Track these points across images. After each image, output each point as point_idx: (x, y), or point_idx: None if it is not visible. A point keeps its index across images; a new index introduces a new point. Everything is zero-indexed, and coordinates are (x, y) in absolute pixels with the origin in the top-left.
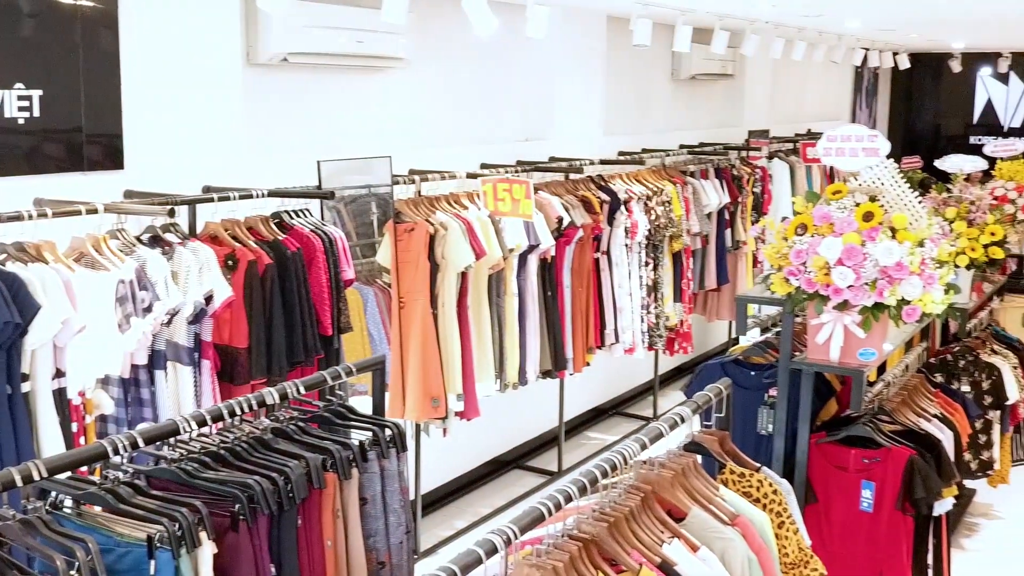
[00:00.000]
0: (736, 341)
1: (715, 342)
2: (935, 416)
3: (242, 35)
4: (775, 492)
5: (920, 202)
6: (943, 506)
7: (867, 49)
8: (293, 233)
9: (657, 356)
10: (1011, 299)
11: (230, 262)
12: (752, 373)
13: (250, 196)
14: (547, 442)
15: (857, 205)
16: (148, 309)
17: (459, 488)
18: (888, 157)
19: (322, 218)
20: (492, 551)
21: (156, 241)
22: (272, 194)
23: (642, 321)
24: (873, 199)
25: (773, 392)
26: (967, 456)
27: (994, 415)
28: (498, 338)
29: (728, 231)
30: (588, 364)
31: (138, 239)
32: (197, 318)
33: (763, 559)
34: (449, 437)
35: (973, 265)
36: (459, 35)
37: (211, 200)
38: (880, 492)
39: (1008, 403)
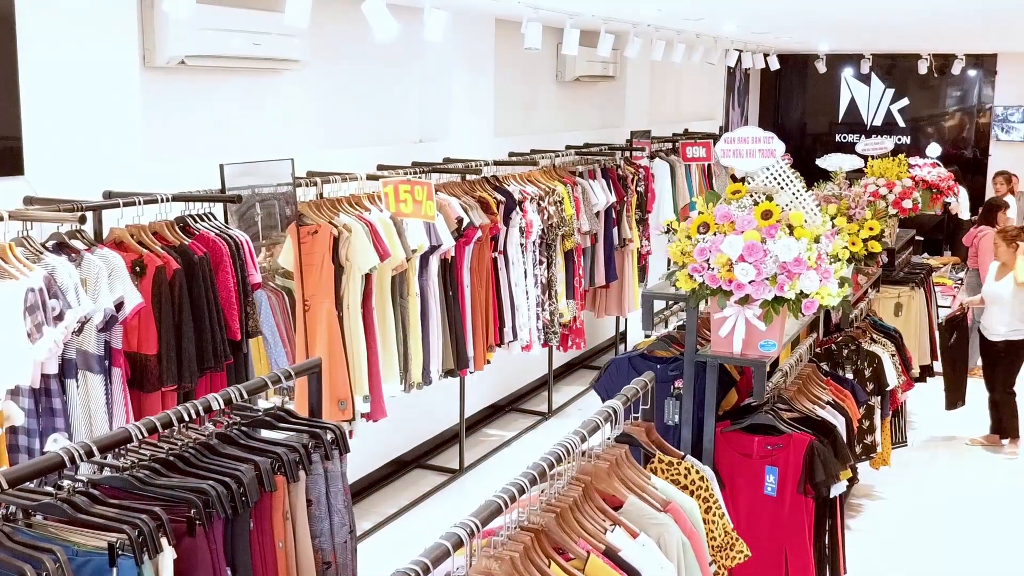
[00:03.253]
0: (624, 336)
1: (603, 337)
2: (828, 403)
3: (139, 38)
4: (702, 479)
5: (816, 201)
6: (839, 488)
7: (740, 51)
8: (199, 238)
9: (551, 352)
10: (885, 290)
11: (138, 268)
12: (658, 366)
13: (155, 201)
14: (446, 440)
15: (756, 204)
16: (59, 317)
17: (362, 489)
18: None
19: (226, 221)
20: (458, 544)
21: (62, 248)
22: (178, 198)
23: (538, 319)
24: (770, 198)
25: (679, 384)
26: None
27: (875, 401)
28: (402, 339)
29: (615, 229)
30: (488, 362)
31: (43, 246)
32: (107, 325)
33: (695, 543)
34: (352, 439)
35: (853, 258)
36: (354, 37)
37: (117, 206)
38: (783, 476)
39: (888, 389)
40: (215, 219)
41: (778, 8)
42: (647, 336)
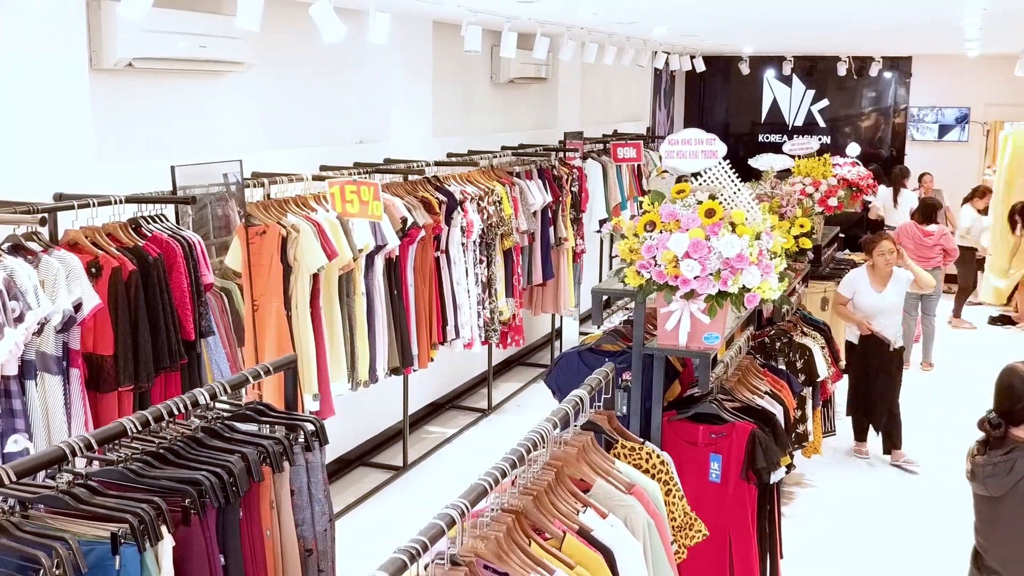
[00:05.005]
0: (560, 333)
1: (540, 334)
2: (767, 393)
3: (86, 41)
4: (662, 463)
5: (758, 198)
6: (778, 474)
7: (668, 53)
8: (152, 239)
9: (490, 349)
10: (812, 285)
11: (94, 269)
12: (607, 360)
13: (109, 203)
14: (389, 438)
15: (700, 203)
16: (20, 319)
17: None
18: None
19: (177, 222)
20: (451, 523)
21: (18, 250)
22: (133, 200)
23: (479, 316)
24: (713, 197)
25: (627, 376)
26: None
27: (807, 391)
28: (349, 337)
29: (551, 229)
30: (432, 360)
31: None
32: (66, 327)
33: (658, 523)
34: None
35: (785, 255)
36: (296, 40)
37: (72, 207)
38: (726, 463)
39: (819, 380)
40: (167, 220)
41: (707, 12)
42: (583, 333)
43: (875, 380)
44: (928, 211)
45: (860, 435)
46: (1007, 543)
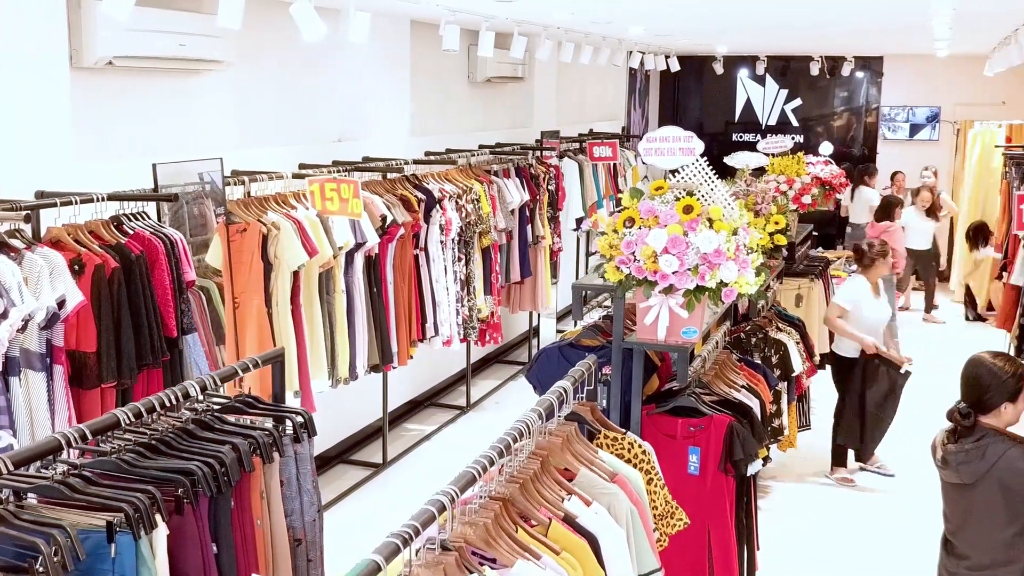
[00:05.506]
0: (537, 331)
1: (518, 332)
2: (743, 387)
3: (67, 39)
4: (644, 452)
5: (734, 195)
6: (755, 466)
7: (643, 53)
8: (135, 236)
9: (469, 347)
10: (787, 282)
11: (76, 267)
12: (587, 355)
13: (91, 200)
14: (368, 436)
15: (677, 199)
16: (3, 316)
17: None
18: None
19: (159, 219)
20: (442, 508)
21: (1, 247)
22: (115, 197)
23: (457, 314)
24: (691, 194)
25: (607, 370)
26: None
27: (782, 386)
28: (329, 334)
29: (529, 227)
30: (412, 357)
31: None
32: (49, 323)
33: (640, 511)
34: None
35: (760, 251)
36: (276, 38)
37: (54, 205)
38: (705, 456)
39: (794, 374)
40: (148, 218)
41: (681, 11)
42: (560, 331)
43: (883, 407)
44: (886, 208)
45: (842, 460)
46: (976, 528)
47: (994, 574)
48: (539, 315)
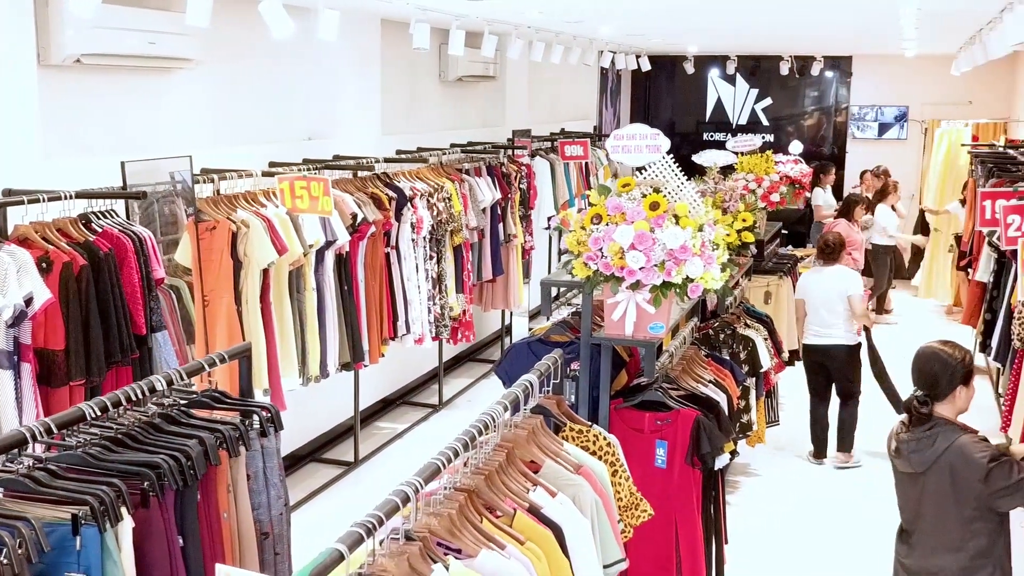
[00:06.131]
0: (510, 329)
1: (490, 330)
2: (710, 381)
3: (34, 37)
4: (609, 445)
5: (700, 192)
6: (722, 460)
7: (614, 52)
8: (103, 234)
9: (441, 345)
10: (756, 279)
11: (44, 264)
12: (555, 350)
13: (59, 198)
14: (340, 434)
15: (644, 196)
16: None
17: None
18: None
19: (127, 217)
20: (406, 499)
21: None
22: (83, 195)
23: (429, 312)
24: (657, 190)
25: (575, 366)
26: None
27: (751, 382)
28: (300, 332)
29: (500, 225)
30: (383, 355)
31: None
32: (17, 321)
33: (605, 502)
34: None
35: (728, 248)
36: (245, 37)
37: (22, 202)
38: (672, 449)
39: (762, 370)
40: (117, 216)
41: (649, 9)
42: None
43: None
44: (845, 206)
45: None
46: (929, 517)
47: (943, 561)
48: (511, 313)
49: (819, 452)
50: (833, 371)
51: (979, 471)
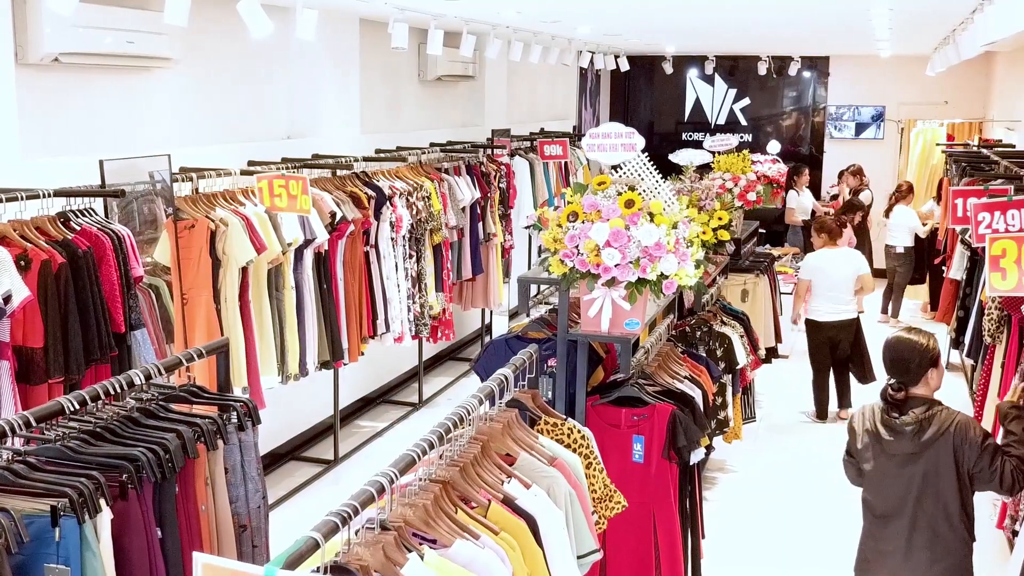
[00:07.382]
0: (490, 328)
1: (471, 329)
2: (686, 377)
3: (12, 36)
4: (583, 438)
5: (674, 191)
6: (698, 454)
7: (593, 52)
8: (82, 232)
9: (421, 344)
10: (733, 278)
11: (23, 262)
12: (531, 345)
13: (37, 196)
14: (320, 433)
15: (619, 194)
16: None
17: None
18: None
19: (106, 216)
20: (381, 490)
21: None
22: (61, 193)
23: (409, 311)
24: (632, 188)
25: (552, 363)
26: None
27: (727, 379)
28: (279, 331)
29: (480, 224)
30: (363, 353)
31: None
32: None
33: (579, 494)
34: None
35: (704, 246)
36: (223, 36)
37: (0, 200)
38: (649, 444)
39: (738, 367)
40: (96, 214)
41: (627, 10)
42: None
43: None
44: (848, 208)
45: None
46: (920, 496)
47: (935, 538)
48: (491, 312)
49: (821, 414)
50: (844, 342)
51: (974, 449)
